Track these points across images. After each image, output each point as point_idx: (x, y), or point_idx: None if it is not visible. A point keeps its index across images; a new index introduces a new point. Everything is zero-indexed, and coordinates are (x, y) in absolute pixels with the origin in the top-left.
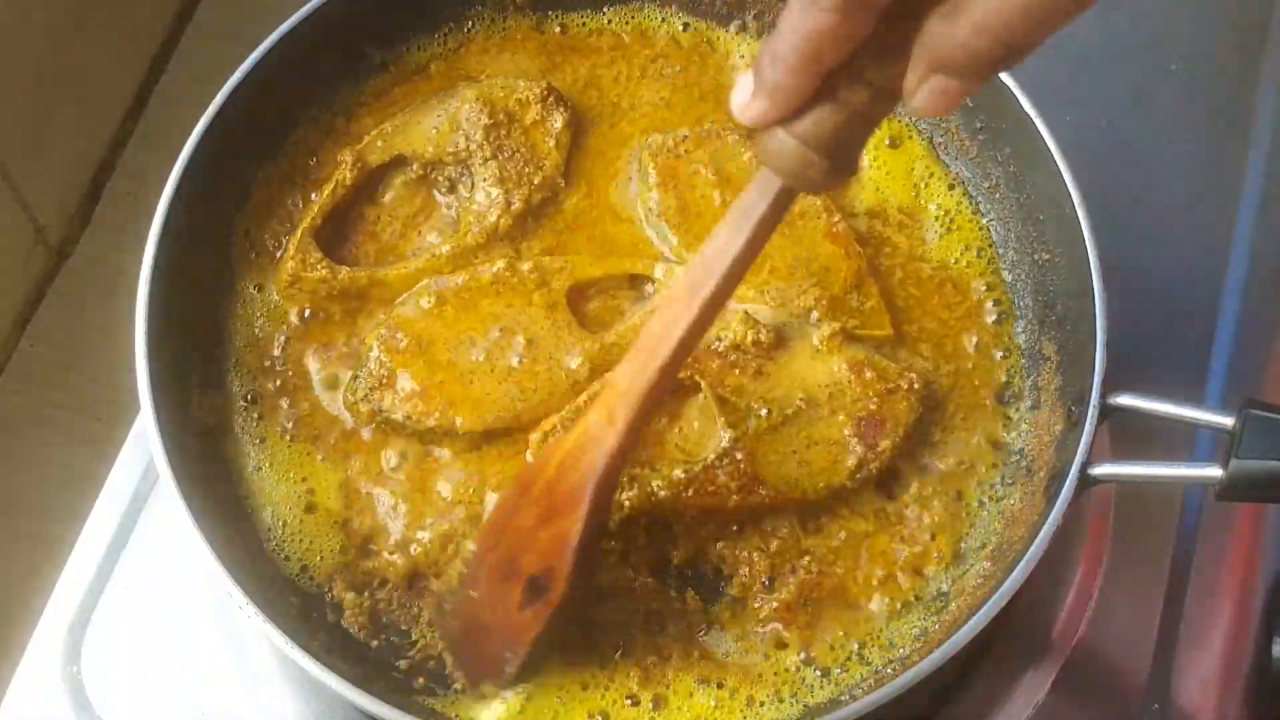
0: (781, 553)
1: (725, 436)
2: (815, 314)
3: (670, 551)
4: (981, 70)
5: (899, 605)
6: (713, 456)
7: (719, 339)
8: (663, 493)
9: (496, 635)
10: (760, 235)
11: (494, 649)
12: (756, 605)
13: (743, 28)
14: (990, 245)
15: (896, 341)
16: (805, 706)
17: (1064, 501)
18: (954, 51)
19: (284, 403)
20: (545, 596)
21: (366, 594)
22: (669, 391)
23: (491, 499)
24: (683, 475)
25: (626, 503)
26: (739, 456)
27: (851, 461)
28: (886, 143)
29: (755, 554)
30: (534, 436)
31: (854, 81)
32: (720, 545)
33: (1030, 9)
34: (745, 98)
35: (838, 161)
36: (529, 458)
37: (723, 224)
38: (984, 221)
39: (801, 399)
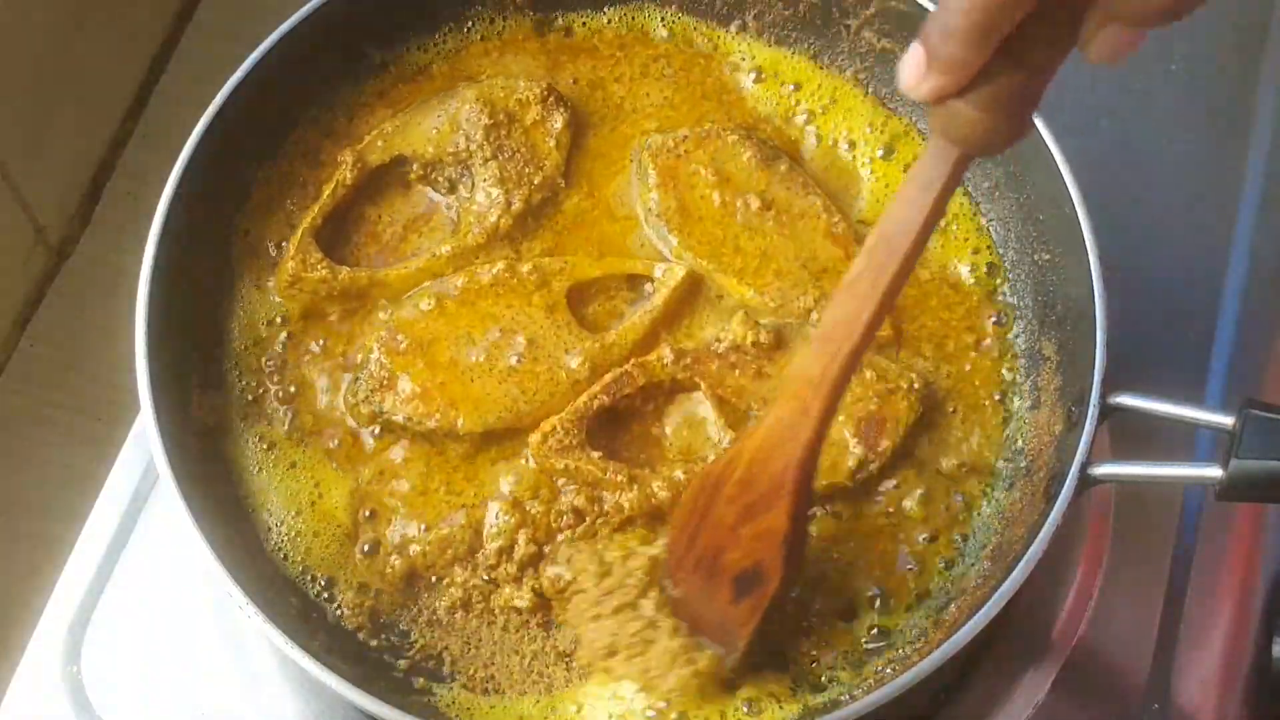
0: None
1: (725, 437)
2: (815, 315)
3: None
4: (1159, 19)
5: (899, 605)
6: (713, 457)
7: (718, 340)
8: (663, 493)
9: (715, 626)
10: (940, 207)
11: (718, 636)
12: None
13: (743, 28)
14: (990, 245)
15: (897, 342)
16: (805, 706)
17: (1064, 501)
18: (1133, 4)
19: (284, 403)
20: (760, 590)
21: (366, 594)
22: (856, 371)
23: (492, 506)
24: (683, 476)
25: (626, 505)
26: None
27: (852, 462)
28: (880, 154)
29: None
30: (534, 438)
31: (1029, 41)
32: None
33: None
34: (917, 74)
35: (1016, 122)
36: (529, 460)
37: (900, 199)
38: (984, 221)
39: None
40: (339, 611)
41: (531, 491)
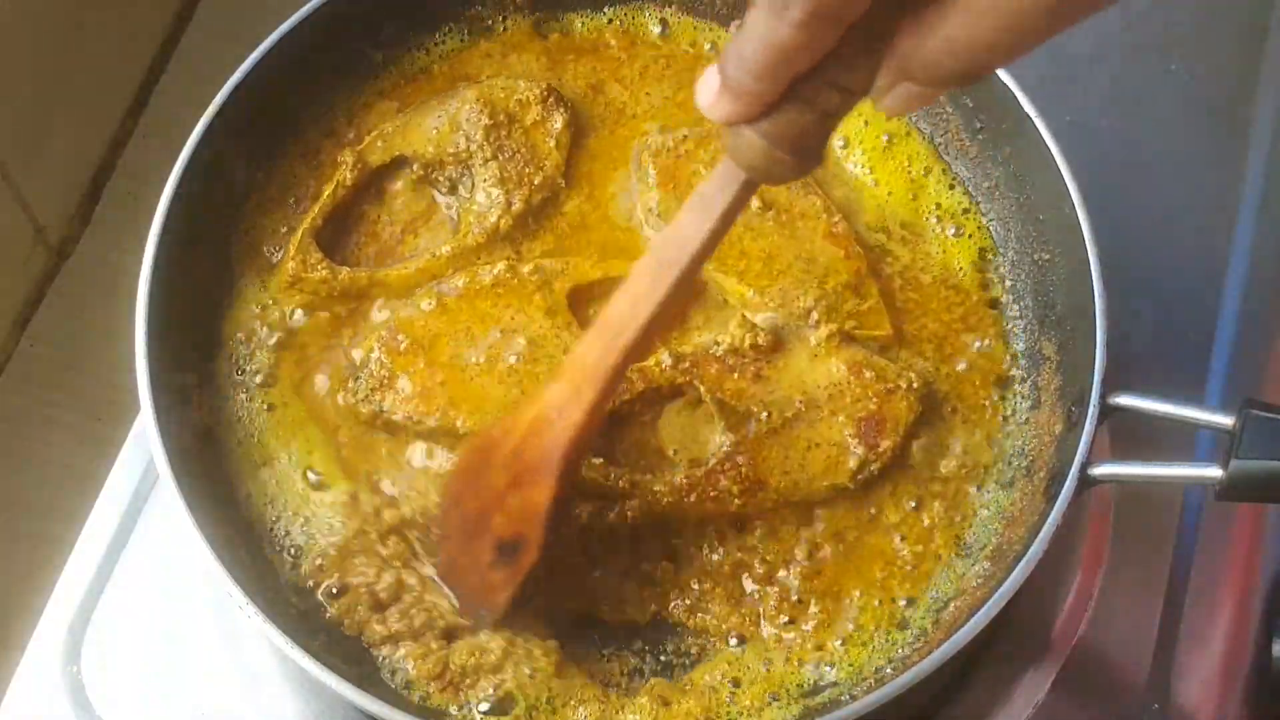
0: (782, 554)
1: (726, 441)
2: (814, 315)
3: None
4: (949, 83)
5: (899, 605)
6: (714, 461)
7: (717, 343)
8: (665, 499)
9: (474, 585)
10: (725, 224)
11: (475, 596)
12: (757, 606)
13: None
14: (990, 245)
15: (897, 342)
16: (805, 707)
17: (1064, 501)
18: (924, 67)
19: (284, 403)
20: (517, 562)
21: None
22: (635, 364)
23: None
24: (684, 480)
25: (630, 512)
26: (740, 460)
27: (853, 463)
28: (878, 154)
29: (756, 556)
30: None
31: (821, 84)
32: (721, 548)
33: (998, 34)
34: (712, 95)
35: (803, 157)
36: None
37: (687, 210)
38: (984, 221)
39: (801, 401)
40: (339, 612)
41: None
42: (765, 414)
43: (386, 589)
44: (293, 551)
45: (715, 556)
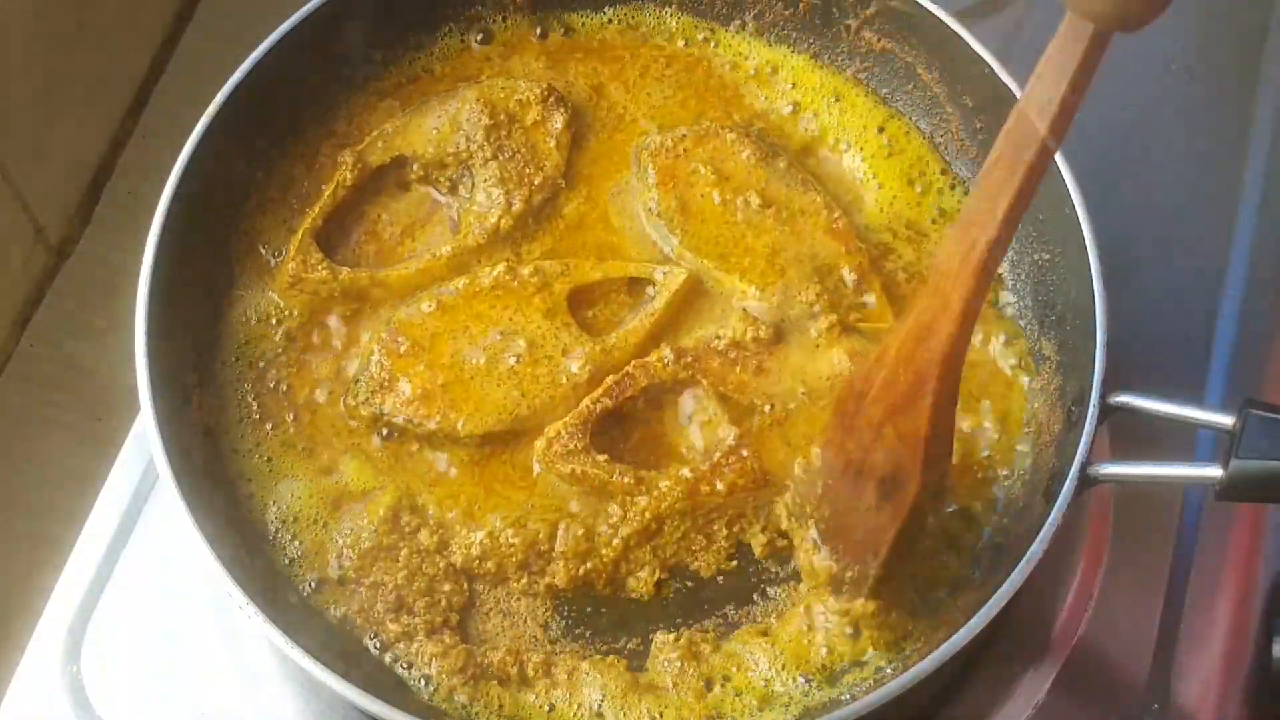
0: (782, 552)
1: (730, 434)
2: (816, 309)
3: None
4: None
5: (900, 605)
6: (719, 454)
7: (718, 337)
8: (671, 493)
9: (860, 534)
10: (1080, 85)
11: (860, 547)
12: (757, 603)
13: (742, 27)
14: None
15: None
16: (805, 707)
17: (1064, 501)
18: None
19: (284, 404)
20: (899, 495)
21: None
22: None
23: (492, 515)
24: (690, 474)
25: (635, 513)
26: (745, 453)
27: None
28: (879, 152)
29: (756, 551)
30: (539, 444)
31: None
32: (721, 544)
33: None
34: None
35: None
36: (535, 466)
37: (1036, 83)
38: None
39: (803, 392)
40: (339, 611)
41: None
42: (768, 406)
43: (401, 587)
44: (292, 551)
45: (712, 555)
